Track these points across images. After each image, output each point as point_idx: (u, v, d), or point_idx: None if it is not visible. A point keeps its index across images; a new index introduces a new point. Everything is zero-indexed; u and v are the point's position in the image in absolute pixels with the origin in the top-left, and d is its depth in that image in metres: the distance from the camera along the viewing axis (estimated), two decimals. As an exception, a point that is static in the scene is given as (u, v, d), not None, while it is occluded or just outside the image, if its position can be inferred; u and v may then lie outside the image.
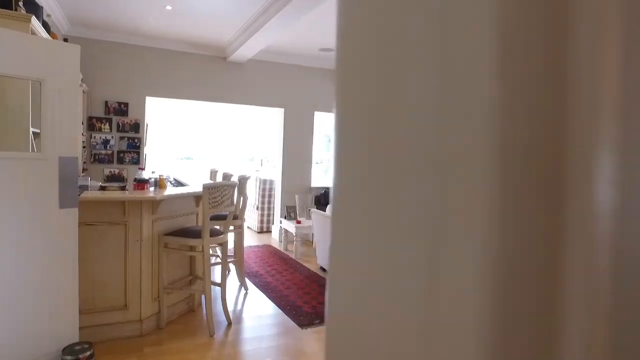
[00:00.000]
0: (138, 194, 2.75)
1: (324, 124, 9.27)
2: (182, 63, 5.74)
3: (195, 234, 2.96)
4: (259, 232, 7.40)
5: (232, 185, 3.11)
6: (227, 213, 3.17)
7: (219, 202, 2.98)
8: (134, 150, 5.45)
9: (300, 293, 4.09)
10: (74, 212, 2.34)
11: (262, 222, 7.42)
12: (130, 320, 2.85)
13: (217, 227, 3.77)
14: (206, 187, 2.86)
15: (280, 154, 6.66)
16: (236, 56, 5.70)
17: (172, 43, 5.60)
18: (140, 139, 5.48)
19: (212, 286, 3.06)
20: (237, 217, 3.80)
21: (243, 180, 3.80)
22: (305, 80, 6.67)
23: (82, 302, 2.61)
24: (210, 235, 2.96)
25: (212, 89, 5.94)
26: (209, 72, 5.91)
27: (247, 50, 5.42)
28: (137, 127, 5.45)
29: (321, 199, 6.69)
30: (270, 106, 6.43)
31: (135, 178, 2.94)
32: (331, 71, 6.66)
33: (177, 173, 6.21)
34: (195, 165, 9.78)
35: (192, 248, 3.14)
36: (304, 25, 4.90)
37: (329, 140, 11.69)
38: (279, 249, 6.14)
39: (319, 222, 4.88)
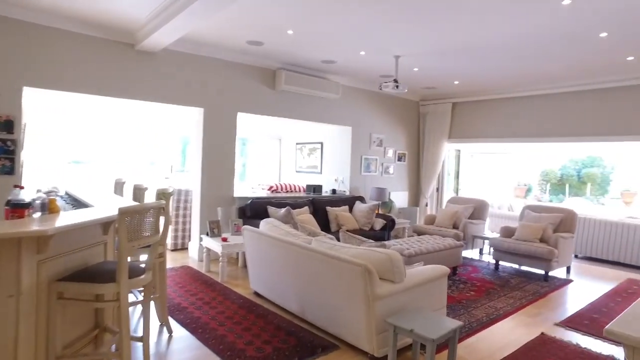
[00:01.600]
0: (14, 226, 1.83)
1: (240, 126, 8.53)
2: (75, 47, 4.59)
3: (106, 276, 2.12)
4: (173, 250, 6.40)
5: (158, 207, 2.33)
6: (151, 244, 2.38)
7: (140, 231, 2.19)
8: (5, 155, 4.17)
9: (238, 330, 3.39)
10: None
11: (176, 238, 6.45)
12: (1, 412, 1.92)
13: (129, 258, 2.91)
14: (123, 212, 2.05)
15: (199, 160, 5.82)
16: (148, 43, 4.74)
17: (63, 20, 4.43)
18: (14, 142, 4.21)
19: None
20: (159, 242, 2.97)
21: (166, 196, 3.00)
22: (229, 77, 5.92)
23: None
24: (129, 277, 2.15)
25: (114, 81, 4.88)
26: (110, 61, 4.84)
27: (162, 37, 4.52)
28: (9, 125, 4.18)
29: (246, 211, 5.96)
30: (187, 105, 5.55)
31: (9, 200, 2.00)
32: (258, 68, 6.03)
33: (67, 184, 4.99)
34: (88, 171, 8.23)
35: (98, 296, 2.28)
36: (233, 12, 4.20)
37: (243, 144, 10.86)
38: (199, 270, 5.29)
39: (252, 240, 4.21)
